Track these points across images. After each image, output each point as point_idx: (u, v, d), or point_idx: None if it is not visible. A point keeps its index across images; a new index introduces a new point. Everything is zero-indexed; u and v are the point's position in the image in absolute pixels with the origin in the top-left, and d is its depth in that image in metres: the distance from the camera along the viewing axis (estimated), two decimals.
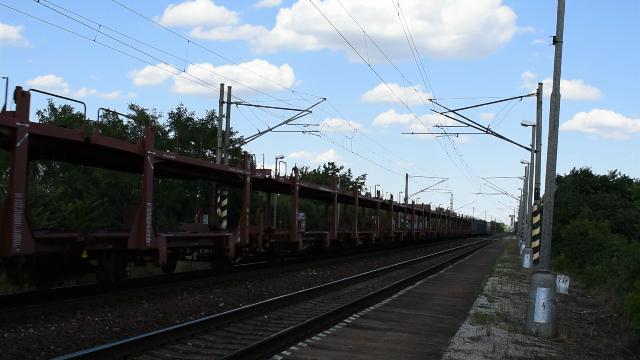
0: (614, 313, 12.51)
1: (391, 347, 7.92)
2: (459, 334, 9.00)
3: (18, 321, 10.25)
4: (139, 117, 33.82)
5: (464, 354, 7.70)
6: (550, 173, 10.07)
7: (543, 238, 9.96)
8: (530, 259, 23.81)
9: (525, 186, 40.18)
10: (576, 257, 23.81)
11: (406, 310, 11.21)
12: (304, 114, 26.74)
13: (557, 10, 9.95)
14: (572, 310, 13.05)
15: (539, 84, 25.17)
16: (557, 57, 9.93)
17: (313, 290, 15.64)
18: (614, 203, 33.56)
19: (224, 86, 26.48)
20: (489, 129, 25.64)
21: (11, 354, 8.17)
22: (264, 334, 10.15)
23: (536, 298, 9.23)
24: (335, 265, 25.55)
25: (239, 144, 31.94)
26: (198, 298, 13.91)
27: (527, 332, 9.28)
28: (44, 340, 9.00)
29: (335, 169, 62.30)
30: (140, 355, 8.52)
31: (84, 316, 11.03)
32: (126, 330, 10.13)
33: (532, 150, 25.91)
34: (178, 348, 9.06)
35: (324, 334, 8.72)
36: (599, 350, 8.66)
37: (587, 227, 23.58)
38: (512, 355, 7.74)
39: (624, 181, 39.05)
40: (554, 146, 9.95)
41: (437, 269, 24.40)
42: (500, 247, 53.15)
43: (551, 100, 10.09)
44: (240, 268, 20.79)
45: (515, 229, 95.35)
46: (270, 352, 8.72)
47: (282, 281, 18.40)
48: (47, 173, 29.95)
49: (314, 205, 44.54)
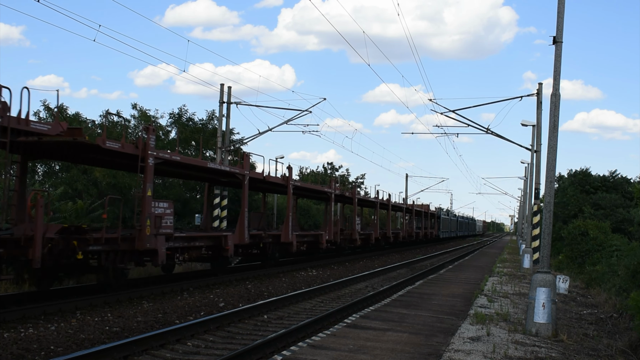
0: (614, 313, 12.51)
1: (391, 347, 7.92)
2: (459, 334, 9.00)
3: (18, 321, 10.25)
4: (141, 117, 33.85)
5: (464, 354, 7.70)
6: (550, 173, 10.07)
7: (543, 238, 9.96)
8: (530, 259, 23.80)
9: (525, 186, 40.17)
10: (576, 257, 23.80)
11: (406, 311, 11.21)
12: (304, 114, 26.76)
13: (557, 10, 9.96)
14: (572, 311, 13.05)
15: (539, 84, 25.18)
16: (557, 57, 9.93)
17: (313, 290, 15.64)
18: (614, 203, 33.58)
19: (224, 86, 26.49)
20: (489, 129, 25.64)
21: (11, 354, 8.17)
22: (263, 334, 10.15)
23: (536, 298, 9.23)
24: (335, 266, 25.54)
25: (239, 144, 31.95)
26: (198, 298, 13.91)
27: (527, 332, 9.28)
28: (44, 340, 9.00)
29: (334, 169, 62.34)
30: (140, 355, 8.52)
31: (84, 316, 11.03)
32: (126, 330, 10.13)
33: (532, 150, 25.91)
34: (178, 348, 9.06)
35: (324, 334, 8.72)
36: (599, 351, 8.66)
37: (588, 227, 23.57)
38: (512, 356, 7.74)
39: (624, 181, 39.10)
40: (554, 146, 9.96)
41: (437, 269, 24.39)
42: (500, 247, 53.15)
43: (551, 101, 10.09)
44: (239, 268, 20.79)
45: (515, 229, 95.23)
46: (270, 352, 8.72)
47: (282, 281, 18.39)
48: (46, 173, 29.95)
49: (314, 206, 44.48)
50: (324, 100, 27.19)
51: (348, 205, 37.69)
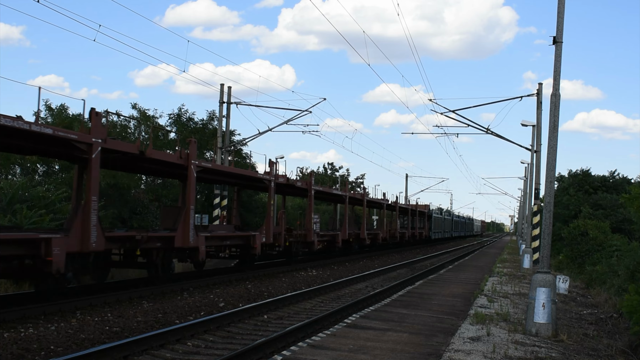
0: (614, 313, 12.50)
1: (391, 347, 7.92)
2: (459, 334, 9.00)
3: (18, 321, 10.24)
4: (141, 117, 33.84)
5: (464, 354, 7.70)
6: (550, 173, 10.07)
7: (543, 238, 9.96)
8: (530, 259, 23.81)
9: (525, 186, 40.19)
10: (576, 257, 23.80)
11: (406, 311, 11.21)
12: (303, 114, 26.82)
13: (557, 10, 9.96)
14: (572, 311, 13.05)
15: (539, 84, 25.20)
16: (557, 57, 9.93)
17: (313, 290, 15.64)
18: (614, 203, 33.57)
19: (223, 86, 26.49)
20: (489, 129, 25.66)
21: (11, 354, 8.17)
22: (263, 334, 10.15)
23: (536, 298, 9.22)
24: (335, 265, 25.55)
25: (239, 145, 31.94)
26: (198, 298, 13.91)
27: (527, 332, 9.28)
28: (44, 340, 9.00)
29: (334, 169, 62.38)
30: (140, 355, 8.52)
31: (84, 316, 11.03)
32: (126, 330, 10.13)
33: (532, 150, 25.92)
34: (178, 348, 9.06)
35: (323, 334, 8.72)
36: (599, 351, 8.66)
37: (588, 227, 23.58)
38: (512, 356, 7.74)
39: (624, 181, 39.11)
40: (553, 146, 9.96)
41: (437, 269, 24.40)
42: (500, 247, 53.16)
43: (551, 101, 10.09)
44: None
45: (515, 229, 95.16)
46: (270, 352, 8.72)
47: (282, 281, 18.39)
48: (46, 173, 29.95)
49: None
50: (323, 100, 27.26)
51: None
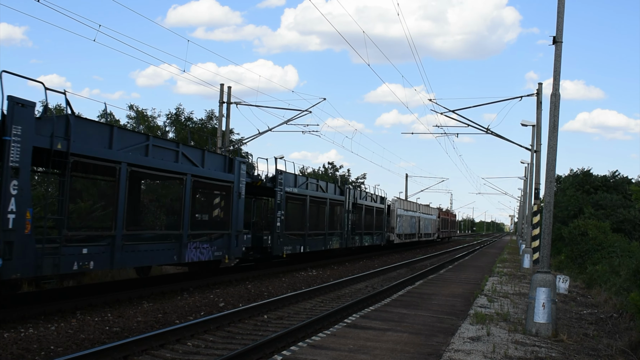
0: (614, 313, 12.50)
1: (391, 347, 7.91)
2: (459, 334, 9.00)
3: (18, 321, 10.25)
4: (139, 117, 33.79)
5: (464, 354, 7.70)
6: (550, 173, 10.07)
7: (543, 238, 9.96)
8: (530, 259, 23.80)
9: (525, 186, 40.17)
10: (576, 257, 23.81)
11: (406, 310, 11.21)
12: (303, 114, 26.78)
13: (557, 10, 9.96)
14: (572, 310, 13.04)
15: (539, 84, 25.19)
16: (557, 57, 9.93)
17: (313, 290, 15.63)
18: (615, 203, 33.59)
19: (223, 86, 26.49)
20: (489, 129, 25.64)
21: (11, 354, 8.17)
22: (263, 334, 10.15)
23: (536, 298, 9.22)
24: (335, 265, 25.55)
25: (239, 145, 31.93)
26: (198, 298, 13.91)
27: (527, 332, 9.28)
28: (44, 340, 9.00)
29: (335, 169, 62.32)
30: (140, 355, 8.52)
31: (84, 316, 11.03)
32: (126, 330, 10.13)
33: (532, 150, 25.91)
34: (178, 348, 9.06)
35: (324, 334, 8.71)
36: (599, 350, 8.66)
37: (588, 227, 23.58)
38: (512, 355, 7.74)
39: (625, 181, 39.12)
40: (553, 146, 9.95)
41: (437, 269, 24.40)
42: (500, 247, 53.15)
43: (551, 101, 10.09)
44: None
45: (515, 229, 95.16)
46: (270, 352, 8.72)
47: (282, 281, 18.39)
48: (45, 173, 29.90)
49: None
50: (324, 100, 27.23)
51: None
